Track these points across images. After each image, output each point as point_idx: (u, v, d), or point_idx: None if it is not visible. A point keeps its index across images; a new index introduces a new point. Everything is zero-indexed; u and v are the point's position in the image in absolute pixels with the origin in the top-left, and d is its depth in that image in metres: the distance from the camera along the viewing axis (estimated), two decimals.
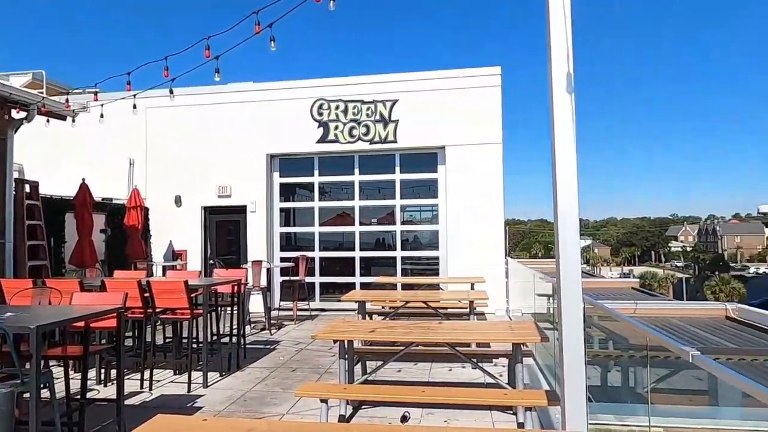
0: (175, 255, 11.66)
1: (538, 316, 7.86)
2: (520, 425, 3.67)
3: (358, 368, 5.64)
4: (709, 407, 3.34)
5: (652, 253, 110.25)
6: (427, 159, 11.34)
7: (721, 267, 79.12)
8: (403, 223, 11.86)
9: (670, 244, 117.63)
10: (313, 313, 10.70)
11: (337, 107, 11.40)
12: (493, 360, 6.27)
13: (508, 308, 10.50)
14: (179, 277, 6.53)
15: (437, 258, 11.34)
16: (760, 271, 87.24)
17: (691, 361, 1.99)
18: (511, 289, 10.60)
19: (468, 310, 6.90)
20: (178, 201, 11.85)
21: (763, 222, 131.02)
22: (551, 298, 7.68)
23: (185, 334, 6.15)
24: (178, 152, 11.75)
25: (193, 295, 5.71)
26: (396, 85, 11.21)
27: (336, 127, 11.39)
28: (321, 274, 11.81)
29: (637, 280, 23.46)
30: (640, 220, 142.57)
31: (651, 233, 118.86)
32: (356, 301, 6.80)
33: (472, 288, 7.99)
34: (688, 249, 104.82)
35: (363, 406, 4.86)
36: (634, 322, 2.68)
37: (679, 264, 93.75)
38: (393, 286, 10.39)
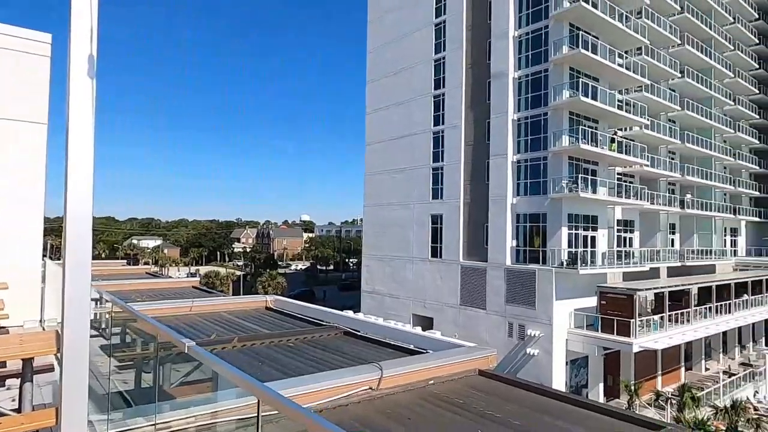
0: None
1: None
2: None
3: None
4: (213, 393, 3.74)
5: (218, 253, 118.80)
6: None
7: (272, 265, 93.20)
8: None
9: (233, 245, 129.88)
10: None
11: None
12: (6, 382, 5.16)
13: (43, 318, 8.96)
14: None
15: None
16: (299, 268, 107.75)
17: (186, 351, 2.15)
18: (48, 295, 9.10)
19: None
20: None
21: (302, 228, 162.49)
22: (97, 303, 7.01)
23: None
24: None
25: None
26: None
27: None
28: None
29: (198, 279, 24.66)
30: (210, 222, 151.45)
31: (218, 235, 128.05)
32: None
33: None
34: (248, 250, 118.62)
35: None
36: (149, 320, 2.68)
37: (239, 263, 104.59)
38: None
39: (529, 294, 28.65)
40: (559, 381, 27.57)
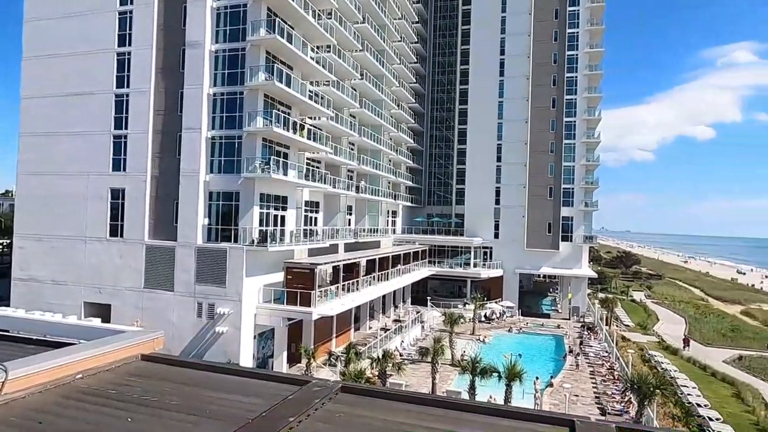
0: None
1: None
2: None
3: None
4: None
5: None
6: None
7: None
8: None
9: None
10: None
11: None
12: None
13: None
14: None
15: None
16: None
17: None
18: None
19: None
20: None
21: None
22: None
23: None
24: None
25: None
26: None
27: None
28: None
29: None
30: None
31: None
32: None
33: None
34: None
35: None
36: None
37: None
38: None
39: (220, 273, 28.52)
40: (246, 355, 28.48)
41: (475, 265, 57.25)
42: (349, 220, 46.50)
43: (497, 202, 59.42)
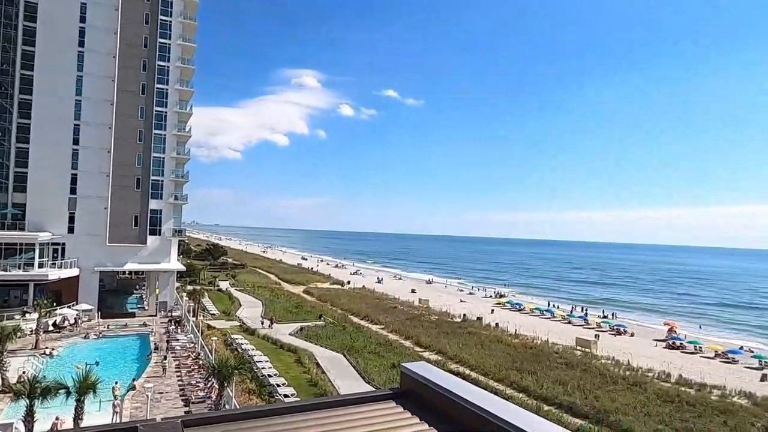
0: None
1: None
2: None
3: None
4: None
5: None
6: None
7: None
8: None
9: None
10: None
11: None
12: None
13: None
14: None
15: None
16: None
17: None
18: None
19: None
20: None
21: None
22: None
23: None
24: None
25: None
26: None
27: None
28: None
29: None
30: None
31: None
32: None
33: None
34: None
35: None
36: None
37: None
38: None
39: None
40: None
41: (41, 266, 47.81)
42: None
43: (73, 191, 51.53)
